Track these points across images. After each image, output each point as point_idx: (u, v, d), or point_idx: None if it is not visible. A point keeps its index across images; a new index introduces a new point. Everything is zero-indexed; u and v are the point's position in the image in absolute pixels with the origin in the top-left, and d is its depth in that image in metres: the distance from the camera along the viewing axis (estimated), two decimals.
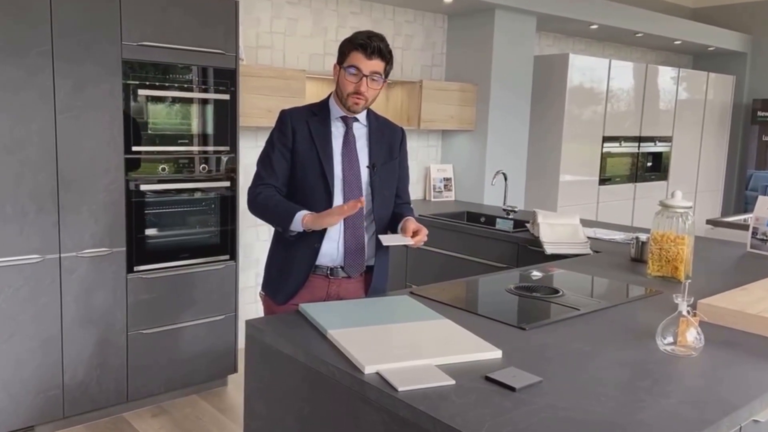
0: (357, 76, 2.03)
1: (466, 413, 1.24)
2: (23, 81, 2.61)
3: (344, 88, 2.06)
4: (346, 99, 2.07)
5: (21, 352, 2.75)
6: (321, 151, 2.08)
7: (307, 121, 2.11)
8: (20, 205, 2.66)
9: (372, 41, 2.01)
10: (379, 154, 2.17)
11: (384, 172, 2.17)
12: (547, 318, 1.90)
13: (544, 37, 5.72)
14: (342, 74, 2.06)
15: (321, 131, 2.11)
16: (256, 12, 3.87)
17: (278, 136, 2.11)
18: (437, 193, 4.83)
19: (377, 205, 2.14)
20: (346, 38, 2.08)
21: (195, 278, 3.20)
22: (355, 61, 2.02)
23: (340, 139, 2.12)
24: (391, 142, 2.22)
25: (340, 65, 2.08)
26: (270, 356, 1.70)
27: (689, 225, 2.31)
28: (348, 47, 2.04)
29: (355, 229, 2.09)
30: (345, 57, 2.05)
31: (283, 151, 2.10)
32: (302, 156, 2.09)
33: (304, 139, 2.09)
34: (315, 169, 2.08)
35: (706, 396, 1.36)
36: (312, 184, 2.08)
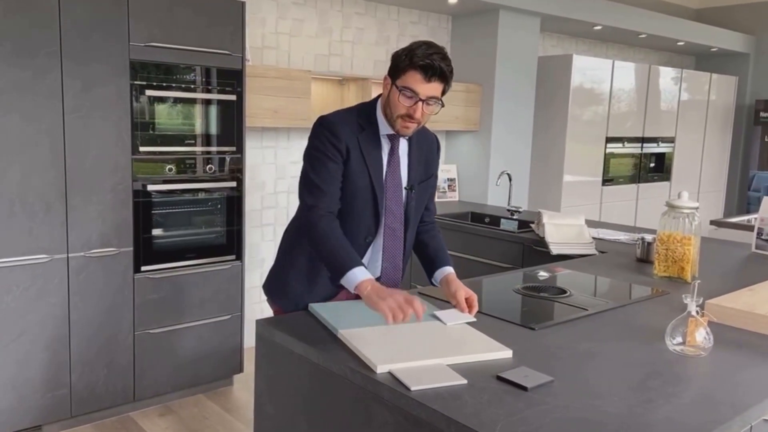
0: (412, 99, 1.80)
1: (480, 413, 1.25)
2: (32, 81, 2.63)
3: (395, 109, 1.84)
4: (394, 120, 1.86)
5: (29, 351, 2.76)
6: (373, 173, 1.89)
7: (357, 137, 1.87)
8: (28, 205, 2.68)
9: (434, 61, 1.77)
10: (417, 173, 2.00)
11: (420, 192, 2.02)
12: (555, 318, 1.91)
13: (547, 37, 5.73)
14: (394, 92, 1.82)
15: (373, 152, 1.89)
16: (262, 13, 3.89)
17: (331, 148, 1.84)
18: (441, 193, 4.84)
19: (410, 227, 2.01)
20: (404, 51, 1.81)
21: (201, 278, 3.21)
22: (412, 83, 1.79)
23: (386, 156, 1.93)
24: (429, 156, 2.06)
25: (392, 80, 1.84)
26: (280, 356, 1.71)
27: (696, 225, 2.32)
28: (406, 64, 1.79)
29: (393, 260, 1.98)
30: (400, 74, 1.81)
31: (339, 167, 1.86)
32: (352, 177, 1.87)
33: (357, 159, 1.87)
34: (365, 191, 1.89)
35: (717, 396, 1.37)
36: (359, 209, 1.90)
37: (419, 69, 1.77)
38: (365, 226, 1.92)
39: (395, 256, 1.98)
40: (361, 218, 1.91)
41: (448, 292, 1.92)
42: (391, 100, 1.85)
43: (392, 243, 1.97)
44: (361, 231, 1.92)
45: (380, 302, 1.64)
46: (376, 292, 1.67)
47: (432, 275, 2.04)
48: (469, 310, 1.83)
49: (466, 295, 1.85)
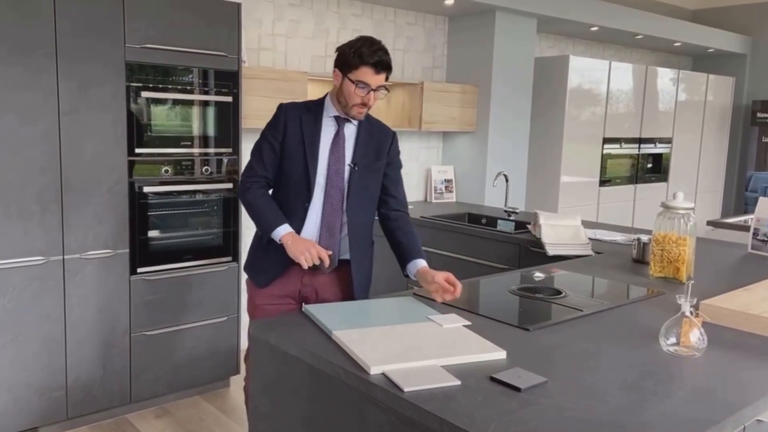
0: (365, 90, 2.10)
1: (473, 413, 1.25)
2: (28, 82, 2.62)
3: (351, 99, 2.12)
4: (350, 108, 2.15)
5: (25, 353, 2.76)
6: (308, 148, 2.17)
7: (300, 116, 2.19)
8: (24, 207, 2.67)
9: (382, 57, 2.08)
10: (364, 154, 2.23)
11: (366, 173, 2.23)
12: (550, 319, 1.91)
13: (544, 38, 5.74)
14: (347, 84, 2.11)
15: (311, 128, 2.19)
16: (258, 14, 3.89)
17: (270, 128, 2.21)
18: (438, 194, 4.84)
19: (352, 204, 2.21)
20: (353, 50, 2.09)
21: (198, 280, 3.21)
22: (365, 77, 2.09)
23: (330, 137, 2.20)
24: (380, 143, 2.27)
25: (343, 74, 2.12)
26: (275, 357, 1.70)
27: (691, 226, 2.33)
28: (357, 62, 2.08)
29: (330, 227, 2.19)
30: (352, 69, 2.09)
31: (274, 144, 2.19)
32: (290, 150, 2.18)
33: (294, 134, 2.18)
34: (300, 164, 2.17)
35: (710, 396, 1.37)
36: (296, 179, 2.18)
37: (371, 65, 2.07)
38: (301, 192, 2.18)
39: (333, 224, 2.19)
40: (298, 184, 2.19)
41: (425, 281, 2.07)
42: (345, 91, 2.13)
43: (330, 212, 2.19)
44: (299, 196, 2.19)
45: (295, 251, 2.04)
46: (294, 243, 2.07)
47: (405, 268, 2.24)
48: (453, 289, 1.98)
49: (444, 278, 2.01)
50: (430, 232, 3.88)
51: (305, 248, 2.04)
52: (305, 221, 2.18)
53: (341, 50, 2.14)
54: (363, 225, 2.27)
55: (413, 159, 4.80)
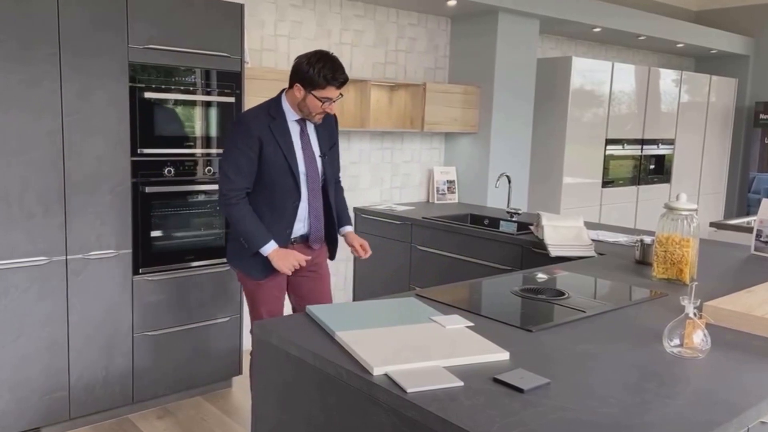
0: (328, 103, 2.40)
1: (476, 414, 1.25)
2: (31, 82, 2.63)
3: (314, 109, 2.41)
4: (312, 116, 2.44)
5: (27, 353, 2.76)
6: (287, 153, 2.42)
7: (269, 126, 2.41)
8: (27, 207, 2.68)
9: (342, 77, 2.36)
10: (324, 143, 2.56)
11: (330, 158, 2.59)
12: (553, 320, 1.90)
13: (546, 39, 5.74)
14: (312, 99, 2.38)
15: (283, 135, 2.43)
16: (261, 15, 3.89)
17: (245, 142, 2.39)
18: (440, 195, 4.84)
19: (329, 188, 2.59)
20: (317, 71, 2.33)
21: (200, 280, 3.21)
22: (329, 93, 2.38)
23: (298, 137, 2.48)
24: (330, 129, 2.60)
25: (307, 90, 2.37)
26: (277, 358, 1.71)
27: (694, 227, 2.32)
28: (323, 83, 2.34)
29: (317, 213, 2.55)
30: (317, 87, 2.36)
31: (251, 156, 2.39)
32: (269, 158, 2.41)
33: (270, 143, 2.40)
34: (283, 168, 2.42)
35: (714, 398, 1.37)
36: (282, 182, 2.44)
37: (337, 85, 2.37)
38: (290, 193, 2.46)
39: (318, 210, 2.55)
40: (285, 188, 2.45)
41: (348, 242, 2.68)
42: (309, 104, 2.40)
43: (315, 201, 2.53)
44: (287, 198, 2.46)
45: (281, 265, 2.40)
46: (279, 258, 2.41)
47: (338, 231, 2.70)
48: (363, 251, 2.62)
49: (359, 242, 2.64)
50: (433, 233, 3.88)
51: (292, 260, 2.41)
52: (298, 217, 2.50)
53: (303, 69, 2.36)
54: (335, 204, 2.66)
55: (415, 160, 4.80)
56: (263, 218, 2.45)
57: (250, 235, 2.41)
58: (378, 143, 4.56)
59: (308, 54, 2.39)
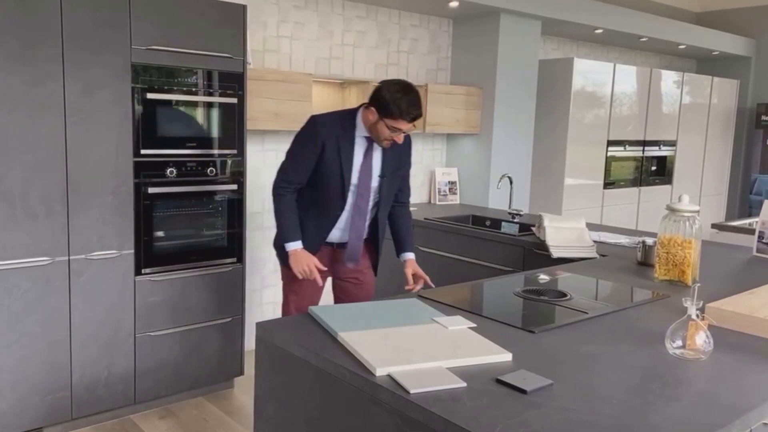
0: (398, 133, 2.44)
1: (479, 415, 1.25)
2: (33, 84, 2.63)
3: (382, 135, 2.45)
4: (380, 140, 2.47)
5: (30, 353, 2.76)
6: (344, 164, 2.49)
7: (336, 135, 2.48)
8: (30, 207, 2.68)
9: (417, 113, 2.40)
10: (389, 165, 2.58)
11: (391, 180, 2.61)
12: (555, 321, 1.91)
13: (548, 41, 5.74)
14: (382, 126, 2.42)
15: (347, 146, 2.50)
16: (263, 16, 3.89)
17: (310, 142, 2.49)
18: (442, 196, 4.84)
19: (383, 207, 2.64)
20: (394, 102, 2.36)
21: (202, 281, 3.21)
22: (400, 125, 2.41)
23: (362, 152, 2.53)
24: (401, 152, 2.62)
25: (380, 115, 2.40)
26: (280, 358, 1.71)
27: (696, 229, 2.32)
28: (396, 115, 2.37)
29: (358, 232, 2.60)
30: (390, 118, 2.39)
31: (311, 156, 2.49)
32: (327, 163, 2.49)
33: (332, 152, 2.48)
34: (336, 176, 2.50)
35: (716, 399, 1.37)
36: (332, 188, 2.52)
37: (407, 120, 2.40)
38: (335, 202, 2.54)
39: (359, 228, 2.59)
40: (332, 196, 2.53)
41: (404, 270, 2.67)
42: (379, 129, 2.44)
43: (357, 219, 2.57)
44: (332, 205, 2.54)
45: (295, 266, 2.48)
46: (296, 259, 2.49)
47: (399, 255, 2.75)
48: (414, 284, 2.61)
49: (413, 272, 2.64)
50: (434, 234, 3.88)
51: (303, 264, 2.47)
52: (337, 224, 2.57)
53: (382, 97, 2.39)
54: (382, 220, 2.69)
55: (417, 161, 4.80)
56: (305, 215, 2.56)
57: (284, 228, 2.54)
58: None
59: (393, 82, 2.43)
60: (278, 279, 4.15)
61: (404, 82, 2.42)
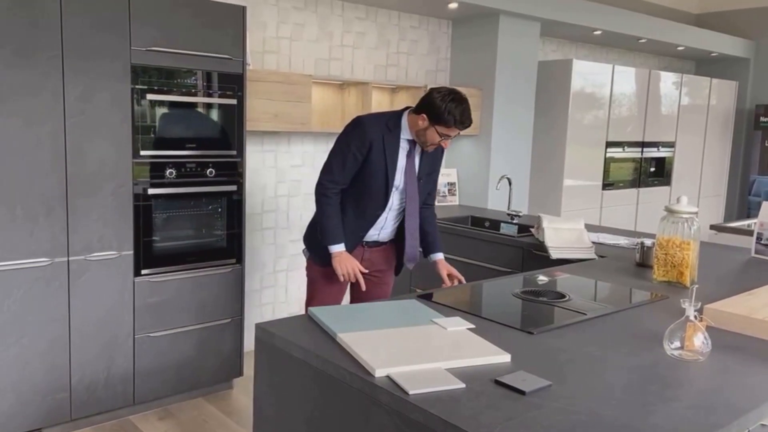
0: (446, 139, 2.49)
1: (478, 416, 1.25)
2: (34, 85, 2.64)
3: (430, 140, 2.49)
4: (426, 144, 2.52)
5: (29, 354, 2.76)
6: (389, 165, 2.54)
7: (383, 136, 2.52)
8: (30, 209, 2.68)
9: (467, 123, 2.44)
10: (424, 168, 2.66)
11: (426, 183, 2.72)
12: (554, 322, 1.91)
13: (547, 42, 5.75)
14: (432, 131, 2.46)
15: (392, 148, 2.54)
16: (263, 17, 3.90)
17: (357, 143, 2.51)
18: (441, 197, 4.84)
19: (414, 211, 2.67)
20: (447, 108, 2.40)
21: (202, 282, 3.21)
22: (451, 132, 2.46)
23: (404, 154, 2.58)
24: (436, 156, 2.71)
25: (431, 123, 2.44)
26: (279, 359, 1.71)
27: (695, 230, 2.33)
28: (451, 122, 2.42)
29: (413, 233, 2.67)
30: (443, 124, 2.43)
31: (357, 157, 2.52)
32: (373, 165, 2.53)
33: (378, 152, 2.52)
34: (380, 177, 2.54)
35: (714, 400, 1.37)
36: (376, 188, 2.56)
37: (460, 128, 2.45)
38: (377, 201, 2.57)
39: (414, 229, 2.66)
40: (375, 196, 2.57)
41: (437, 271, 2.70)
42: (428, 135, 2.48)
43: (411, 222, 2.64)
44: (374, 205, 2.58)
45: (339, 267, 2.52)
46: (341, 261, 2.52)
47: (427, 256, 2.79)
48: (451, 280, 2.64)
49: (447, 272, 2.67)
50: None
51: (348, 267, 2.51)
52: (375, 224, 2.61)
53: (435, 104, 2.42)
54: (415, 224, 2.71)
55: None
56: (345, 215, 2.58)
57: (327, 230, 2.55)
58: None
59: (445, 90, 2.46)
60: (277, 279, 4.17)
61: (455, 91, 2.45)
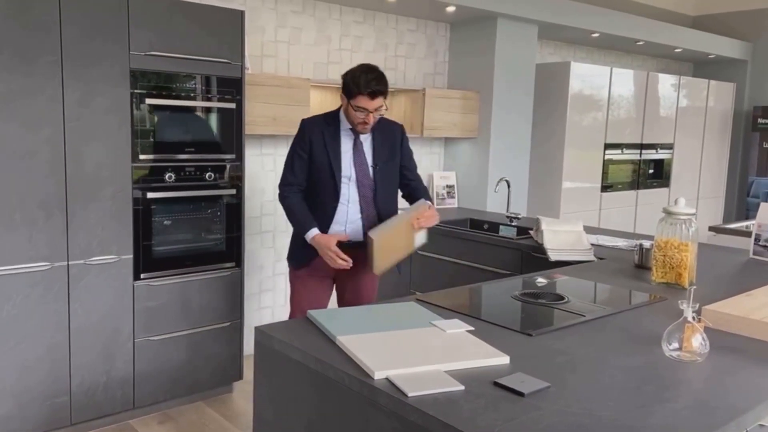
0: (364, 113, 2.49)
1: (477, 418, 1.26)
2: (33, 90, 2.64)
3: (353, 119, 2.53)
4: (355, 125, 2.55)
5: (29, 358, 2.77)
6: (332, 156, 2.57)
7: (322, 131, 2.59)
8: (29, 213, 2.69)
9: (374, 86, 2.43)
10: (381, 154, 2.64)
11: (387, 170, 2.66)
12: (552, 324, 1.92)
13: (545, 45, 5.76)
14: (350, 108, 2.51)
15: (332, 140, 2.59)
16: (261, 21, 3.91)
17: (298, 143, 2.61)
18: (440, 200, 4.85)
19: (380, 198, 2.65)
20: (352, 79, 2.46)
21: (201, 285, 3.22)
22: (362, 103, 2.47)
23: (350, 145, 2.61)
24: (392, 142, 2.69)
25: (347, 99, 2.50)
26: (279, 362, 1.71)
27: (693, 232, 2.33)
28: (356, 91, 2.45)
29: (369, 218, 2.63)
30: (353, 97, 2.48)
31: (302, 155, 2.60)
32: (317, 159, 2.59)
33: (319, 146, 2.58)
34: (326, 170, 2.57)
35: (712, 401, 1.38)
36: (324, 182, 2.58)
37: (366, 94, 2.44)
38: (330, 194, 2.59)
39: (369, 214, 2.64)
40: (326, 189, 2.59)
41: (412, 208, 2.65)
42: (349, 113, 2.54)
43: (366, 205, 2.63)
44: (327, 198, 2.60)
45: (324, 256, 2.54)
46: (320, 247, 2.54)
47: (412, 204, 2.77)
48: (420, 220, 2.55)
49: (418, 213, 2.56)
50: (433, 238, 3.88)
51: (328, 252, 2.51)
52: (334, 217, 2.60)
53: (344, 78, 2.51)
54: (390, 212, 2.68)
55: None
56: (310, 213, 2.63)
57: (296, 223, 2.62)
58: None
59: (356, 66, 2.52)
60: (276, 283, 4.17)
61: (365, 64, 2.50)
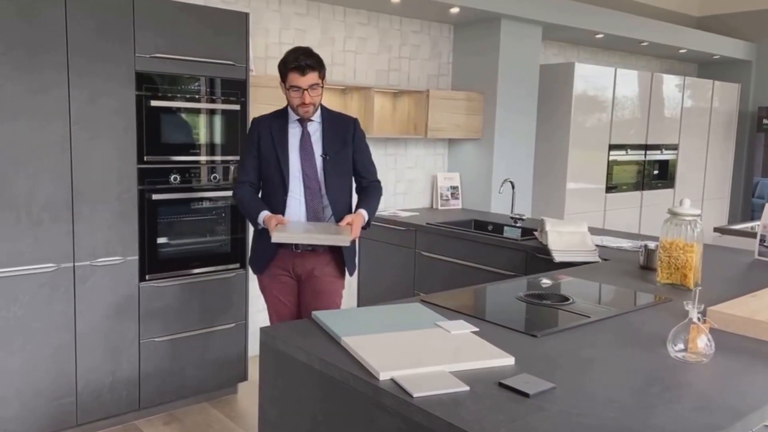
0: (299, 91, 2.47)
1: (482, 419, 1.26)
2: (39, 91, 2.66)
3: (292, 102, 2.52)
4: (296, 110, 2.53)
5: (35, 360, 2.78)
6: (279, 150, 2.56)
7: (269, 125, 2.59)
8: (35, 214, 2.70)
9: (301, 61, 2.43)
10: (331, 145, 2.60)
11: (338, 160, 2.61)
12: (557, 325, 1.92)
13: (549, 46, 5.76)
14: (286, 91, 2.52)
15: (279, 134, 2.58)
16: (265, 23, 3.92)
17: (249, 140, 2.64)
18: (444, 201, 4.85)
19: (330, 190, 2.59)
20: (281, 60, 2.49)
21: (206, 286, 3.23)
22: (294, 81, 2.46)
23: (298, 137, 2.58)
24: (345, 133, 2.64)
25: (283, 83, 2.51)
26: (284, 363, 1.72)
27: (698, 233, 2.33)
28: (284, 70, 2.48)
29: (315, 212, 2.58)
30: (285, 78, 2.49)
31: (252, 152, 2.61)
32: (265, 155, 2.59)
33: (267, 141, 2.58)
34: (274, 164, 2.56)
35: (718, 402, 1.38)
36: (272, 176, 2.58)
37: (294, 70, 2.44)
38: (277, 187, 2.57)
39: (316, 210, 2.58)
40: (275, 183, 2.57)
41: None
42: (287, 98, 2.54)
43: (311, 198, 2.57)
44: (277, 191, 2.57)
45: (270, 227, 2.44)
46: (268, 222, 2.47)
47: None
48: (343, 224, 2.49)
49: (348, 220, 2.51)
50: (436, 239, 3.89)
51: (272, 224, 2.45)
52: (286, 211, 2.55)
53: (278, 66, 2.52)
54: (343, 205, 2.63)
55: (419, 166, 4.82)
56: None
57: (247, 212, 2.61)
58: (382, 150, 4.58)
59: None
60: None
61: (295, 46, 2.53)
